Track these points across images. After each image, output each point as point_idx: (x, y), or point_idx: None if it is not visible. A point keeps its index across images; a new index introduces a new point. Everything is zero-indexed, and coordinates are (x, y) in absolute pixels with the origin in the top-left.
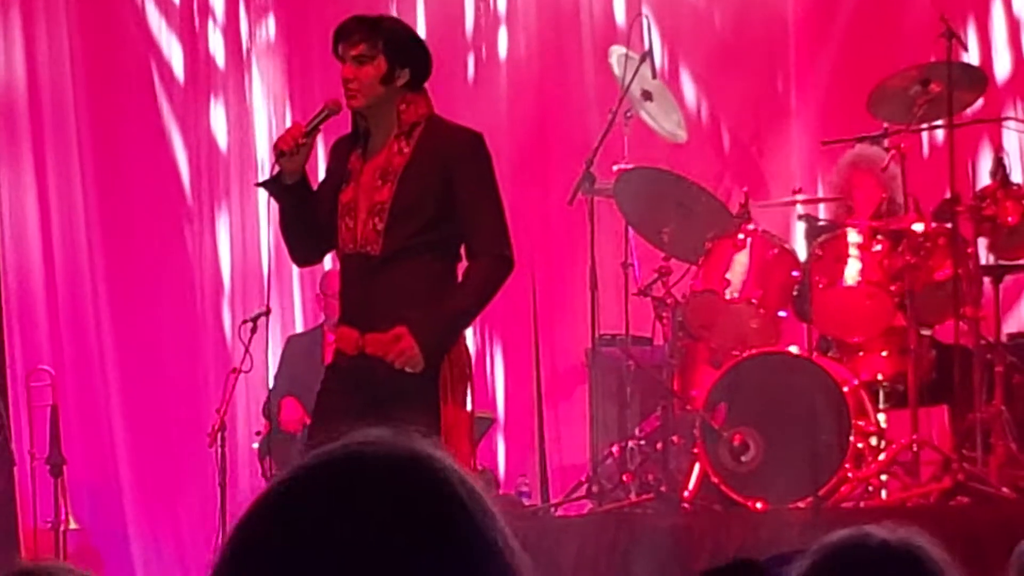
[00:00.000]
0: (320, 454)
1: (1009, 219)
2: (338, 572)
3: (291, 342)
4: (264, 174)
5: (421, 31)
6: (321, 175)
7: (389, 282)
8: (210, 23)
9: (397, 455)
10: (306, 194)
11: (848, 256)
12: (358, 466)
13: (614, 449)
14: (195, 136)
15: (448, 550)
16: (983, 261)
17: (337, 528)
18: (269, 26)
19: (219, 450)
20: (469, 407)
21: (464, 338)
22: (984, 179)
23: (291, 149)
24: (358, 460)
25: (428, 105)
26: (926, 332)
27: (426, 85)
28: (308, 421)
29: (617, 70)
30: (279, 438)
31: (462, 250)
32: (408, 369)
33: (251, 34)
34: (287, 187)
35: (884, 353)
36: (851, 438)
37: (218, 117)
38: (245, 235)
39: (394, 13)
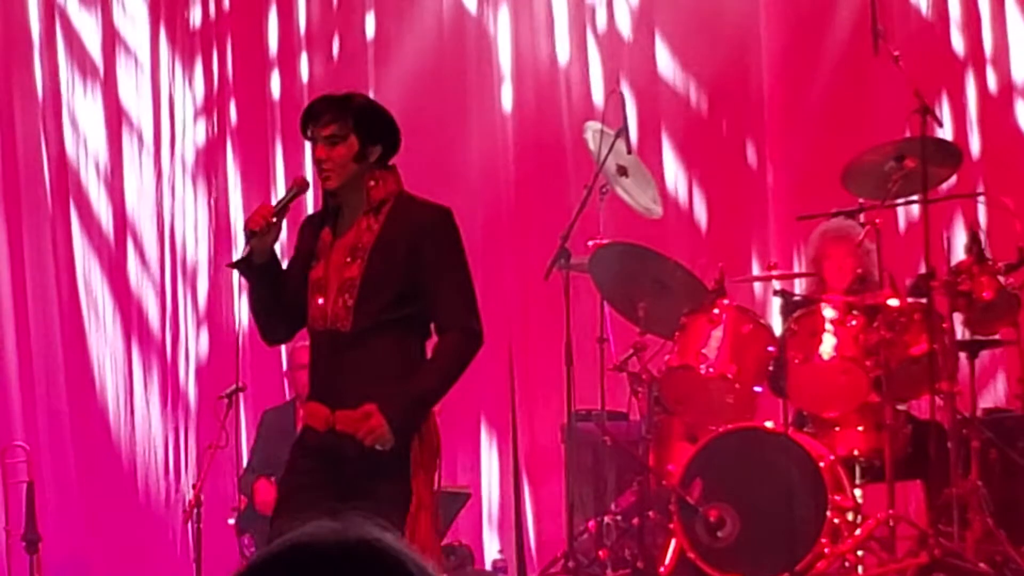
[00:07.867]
0: (266, 552)
1: (984, 294)
2: None
3: (266, 417)
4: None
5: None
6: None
7: (359, 358)
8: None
9: (346, 543)
10: (276, 273)
11: (823, 331)
12: (309, 558)
13: (590, 524)
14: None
15: None
16: (959, 336)
17: None
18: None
19: (195, 526)
20: (437, 484)
21: (435, 415)
22: (959, 254)
23: (261, 229)
24: (307, 552)
25: (397, 182)
26: (902, 407)
27: (394, 162)
28: None
29: (592, 145)
30: (256, 516)
31: (432, 326)
32: (378, 446)
33: (222, 113)
34: (257, 266)
35: (860, 428)
36: (827, 513)
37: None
38: (220, 309)
39: (372, 91)
